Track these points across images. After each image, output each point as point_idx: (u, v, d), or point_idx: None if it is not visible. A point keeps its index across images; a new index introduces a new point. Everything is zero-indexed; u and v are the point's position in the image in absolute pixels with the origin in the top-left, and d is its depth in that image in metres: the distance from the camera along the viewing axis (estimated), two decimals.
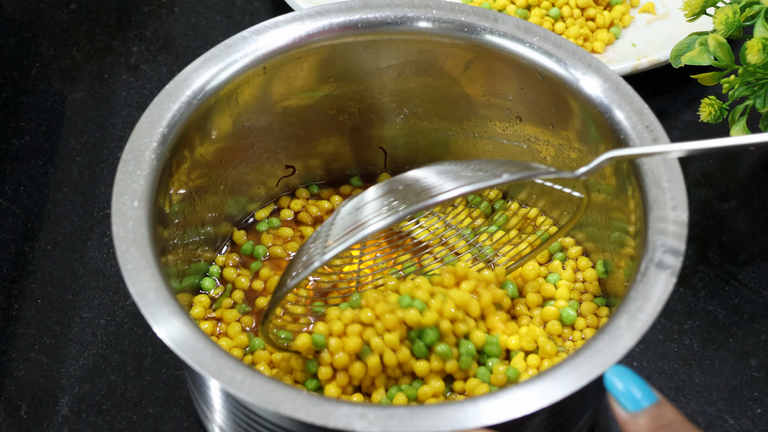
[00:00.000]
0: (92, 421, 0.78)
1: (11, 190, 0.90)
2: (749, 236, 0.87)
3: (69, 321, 0.82)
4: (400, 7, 0.76)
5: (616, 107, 0.72)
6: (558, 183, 0.73)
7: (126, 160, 0.69)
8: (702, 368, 0.81)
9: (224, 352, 0.62)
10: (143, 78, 0.97)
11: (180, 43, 1.00)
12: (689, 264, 0.85)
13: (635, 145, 0.70)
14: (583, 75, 0.73)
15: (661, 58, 0.93)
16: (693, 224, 0.86)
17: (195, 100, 0.72)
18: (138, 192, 0.68)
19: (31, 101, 0.95)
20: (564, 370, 0.62)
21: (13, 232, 0.87)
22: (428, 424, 0.60)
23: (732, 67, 0.80)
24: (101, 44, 1.00)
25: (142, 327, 0.82)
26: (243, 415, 0.67)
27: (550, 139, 0.77)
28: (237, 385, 0.61)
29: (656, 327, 0.82)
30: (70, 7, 1.02)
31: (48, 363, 0.80)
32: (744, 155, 0.91)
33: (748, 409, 0.79)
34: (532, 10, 0.97)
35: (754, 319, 0.83)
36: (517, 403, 0.61)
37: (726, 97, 0.82)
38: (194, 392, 0.74)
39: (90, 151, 0.92)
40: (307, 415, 0.60)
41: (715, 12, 0.80)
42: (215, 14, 1.02)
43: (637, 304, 0.64)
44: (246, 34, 0.75)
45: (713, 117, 0.82)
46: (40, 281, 0.84)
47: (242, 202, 0.80)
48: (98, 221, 0.88)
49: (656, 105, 0.93)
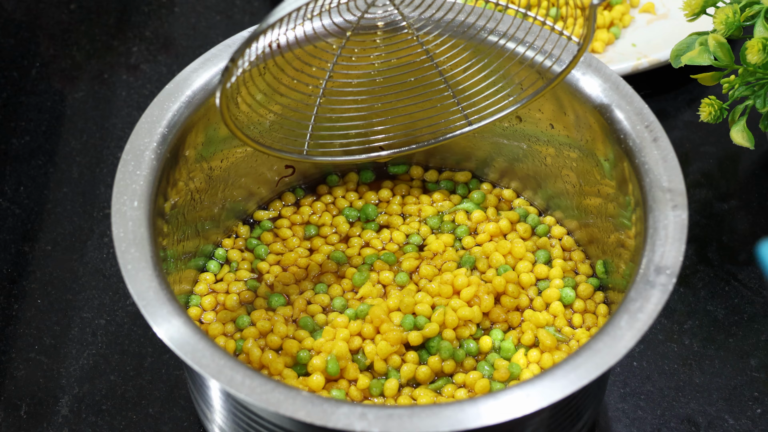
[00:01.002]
0: (92, 421, 0.78)
1: (11, 190, 0.90)
2: (749, 236, 0.87)
3: (69, 321, 0.82)
4: None
5: (616, 107, 0.72)
6: (558, 23, 0.71)
7: (126, 160, 0.69)
8: (702, 368, 0.81)
9: (224, 352, 0.63)
10: (143, 78, 0.97)
11: (180, 43, 1.00)
12: (689, 264, 0.85)
13: (635, 145, 0.70)
14: (583, 75, 0.73)
15: (661, 58, 0.93)
16: (693, 224, 0.86)
17: (195, 100, 0.72)
18: (138, 192, 0.68)
19: (31, 101, 0.95)
20: (564, 370, 0.62)
21: (13, 232, 0.87)
22: (428, 424, 0.60)
23: (732, 67, 0.80)
24: (101, 44, 1.00)
25: (142, 327, 0.82)
26: (243, 415, 0.67)
27: (550, 139, 0.77)
28: (237, 385, 0.61)
29: (656, 327, 0.82)
30: (70, 7, 1.02)
31: (48, 363, 0.80)
32: (744, 155, 0.91)
33: (748, 409, 0.79)
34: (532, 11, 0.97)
35: (754, 319, 0.83)
36: (518, 403, 0.61)
37: (726, 97, 0.82)
38: (194, 392, 0.74)
39: (90, 151, 0.92)
40: (307, 415, 0.60)
41: (715, 12, 0.80)
42: (215, 14, 1.02)
43: (637, 304, 0.64)
44: (246, 34, 0.75)
45: (713, 117, 0.82)
46: (40, 281, 0.84)
47: (242, 202, 0.80)
48: (98, 221, 0.88)
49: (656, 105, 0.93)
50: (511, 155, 0.80)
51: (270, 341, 0.73)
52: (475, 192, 0.81)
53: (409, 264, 0.77)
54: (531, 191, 0.81)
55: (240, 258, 0.79)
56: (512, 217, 0.80)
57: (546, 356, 0.73)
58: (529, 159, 0.80)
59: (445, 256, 0.78)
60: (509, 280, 0.76)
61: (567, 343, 0.74)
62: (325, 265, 0.78)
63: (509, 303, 0.75)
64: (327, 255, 0.78)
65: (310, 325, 0.74)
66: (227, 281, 0.77)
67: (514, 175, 0.81)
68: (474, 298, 0.74)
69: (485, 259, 0.77)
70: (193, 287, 0.77)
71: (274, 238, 0.80)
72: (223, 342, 0.73)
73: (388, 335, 0.72)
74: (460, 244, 0.79)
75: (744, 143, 0.81)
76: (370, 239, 0.79)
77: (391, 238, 0.80)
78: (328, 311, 0.76)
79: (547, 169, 0.79)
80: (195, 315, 0.76)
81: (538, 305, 0.76)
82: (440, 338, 0.73)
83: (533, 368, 0.73)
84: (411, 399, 0.72)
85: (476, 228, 0.80)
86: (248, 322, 0.75)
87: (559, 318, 0.75)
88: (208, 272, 0.78)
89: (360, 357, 0.73)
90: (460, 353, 0.73)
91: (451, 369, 0.73)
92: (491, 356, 0.73)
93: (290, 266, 0.78)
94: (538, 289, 0.77)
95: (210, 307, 0.76)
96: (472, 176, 0.83)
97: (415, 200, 0.81)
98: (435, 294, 0.75)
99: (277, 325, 0.74)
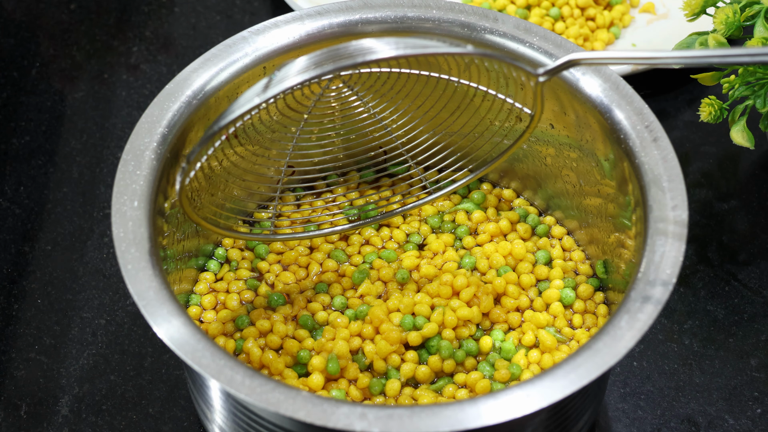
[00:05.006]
0: (92, 421, 0.78)
1: (11, 190, 0.90)
2: (749, 236, 0.87)
3: (69, 321, 0.82)
4: (400, 7, 0.76)
5: (616, 107, 0.72)
6: (510, 96, 0.72)
7: (126, 160, 0.69)
8: (702, 368, 0.81)
9: (224, 352, 0.63)
10: (143, 78, 0.97)
11: (180, 43, 1.00)
12: (689, 264, 0.85)
13: (635, 145, 0.70)
14: (583, 75, 0.73)
15: None
16: (693, 224, 0.86)
17: (195, 100, 0.72)
18: (138, 192, 0.68)
19: (31, 101, 0.95)
20: (564, 370, 0.62)
21: (13, 232, 0.87)
22: (428, 424, 0.60)
23: (732, 67, 0.80)
24: (101, 44, 1.00)
25: (142, 327, 0.82)
26: (243, 415, 0.67)
27: (550, 139, 0.77)
28: (237, 385, 0.61)
29: (656, 327, 0.82)
30: (70, 7, 1.02)
31: (48, 363, 0.80)
32: (744, 155, 0.91)
33: (748, 409, 0.79)
34: (532, 10, 0.97)
35: (754, 319, 0.83)
36: (517, 403, 0.61)
37: (726, 97, 0.82)
38: (194, 392, 0.74)
39: (90, 151, 0.92)
40: (307, 415, 0.60)
41: (715, 12, 0.80)
42: (215, 14, 1.02)
43: (637, 304, 0.64)
44: (246, 34, 0.75)
45: (713, 117, 0.82)
46: (40, 281, 0.84)
47: (242, 202, 0.80)
48: (98, 221, 0.88)
49: (656, 105, 0.93)
50: (511, 155, 0.80)
51: (270, 341, 0.73)
52: (475, 192, 0.81)
53: (410, 263, 0.77)
54: (531, 191, 0.81)
55: (240, 257, 0.79)
56: (512, 217, 0.80)
57: (546, 357, 0.73)
58: (529, 159, 0.80)
59: (446, 256, 0.78)
60: (509, 281, 0.76)
61: (567, 343, 0.74)
62: (325, 264, 0.78)
63: (509, 304, 0.75)
64: (327, 254, 0.79)
65: (311, 324, 0.74)
66: (227, 280, 0.78)
67: (514, 175, 0.81)
68: (473, 298, 0.74)
69: (486, 259, 0.77)
70: (194, 287, 0.77)
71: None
72: (223, 342, 0.73)
73: (388, 335, 0.72)
74: (460, 243, 0.79)
75: (744, 143, 0.81)
76: (369, 237, 0.79)
77: (391, 237, 0.80)
78: (328, 310, 0.76)
79: (547, 169, 0.79)
80: (195, 314, 0.76)
81: (539, 306, 0.76)
82: (440, 338, 0.73)
83: (534, 369, 0.73)
84: (412, 399, 0.72)
85: (476, 228, 0.80)
86: (248, 321, 0.75)
87: (560, 318, 0.75)
88: (209, 271, 0.78)
89: (360, 357, 0.73)
90: (460, 353, 0.73)
91: (451, 369, 0.73)
92: (492, 356, 0.73)
93: (290, 265, 0.78)
94: (538, 290, 0.77)
95: (210, 306, 0.76)
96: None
97: (415, 199, 0.81)
98: (434, 294, 0.75)
99: (277, 324, 0.74)
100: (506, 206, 0.82)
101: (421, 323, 0.73)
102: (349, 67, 0.63)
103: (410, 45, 0.63)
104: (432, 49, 0.64)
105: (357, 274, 0.77)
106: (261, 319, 0.74)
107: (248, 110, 0.64)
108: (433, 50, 0.64)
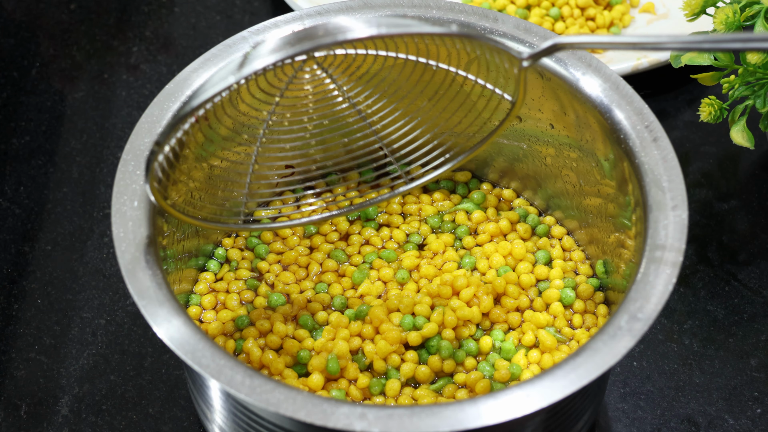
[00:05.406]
0: (92, 421, 0.78)
1: (11, 190, 0.90)
2: (749, 236, 0.87)
3: (69, 321, 0.82)
4: (400, 7, 0.75)
5: (616, 107, 0.72)
6: (490, 82, 0.69)
7: (126, 160, 0.69)
8: (702, 368, 0.81)
9: (224, 352, 0.63)
10: (143, 78, 0.97)
11: (180, 43, 1.00)
12: (689, 264, 0.85)
13: (635, 145, 0.70)
14: (583, 75, 0.73)
15: (661, 58, 0.93)
16: (693, 224, 0.86)
17: None
18: (138, 192, 0.68)
19: (31, 101, 0.95)
20: (564, 370, 0.62)
21: (13, 232, 0.87)
22: (428, 424, 0.60)
23: (732, 67, 0.80)
24: (101, 44, 1.00)
25: (142, 327, 0.82)
26: (243, 415, 0.67)
27: (550, 139, 0.77)
28: (237, 385, 0.61)
29: (656, 327, 0.82)
30: (70, 7, 1.02)
31: (48, 363, 0.80)
32: (744, 155, 0.91)
33: (748, 409, 0.79)
34: (532, 10, 0.97)
35: (754, 319, 0.83)
36: (517, 403, 0.61)
37: (726, 97, 0.82)
38: (194, 392, 0.74)
39: (90, 151, 0.92)
40: (307, 415, 0.60)
41: (715, 12, 0.80)
42: (215, 14, 1.02)
43: (637, 304, 0.64)
44: (246, 34, 0.75)
45: (713, 117, 0.82)
46: (40, 281, 0.84)
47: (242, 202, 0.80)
48: (98, 221, 0.88)
49: (656, 105, 0.93)
50: (511, 155, 0.80)
51: (270, 341, 0.73)
52: (475, 192, 0.81)
53: (410, 263, 0.77)
54: (531, 191, 0.81)
55: (240, 257, 0.79)
56: (512, 217, 0.80)
57: (546, 357, 0.73)
58: (529, 159, 0.80)
59: (446, 256, 0.78)
60: (509, 281, 0.76)
61: (567, 343, 0.74)
62: (325, 264, 0.78)
63: (509, 304, 0.75)
64: (327, 253, 0.79)
65: (311, 324, 0.74)
66: (227, 280, 0.78)
67: (514, 175, 0.82)
68: (473, 298, 0.74)
69: (486, 259, 0.77)
70: (193, 287, 0.77)
71: (274, 237, 0.80)
72: (223, 342, 0.73)
73: (387, 335, 0.72)
74: (460, 243, 0.79)
75: (744, 143, 0.81)
76: (369, 237, 0.79)
77: (391, 237, 0.80)
78: (328, 310, 0.76)
79: (547, 169, 0.79)
80: (195, 314, 0.76)
81: (539, 306, 0.76)
82: (440, 338, 0.73)
83: (533, 369, 0.73)
84: (412, 399, 0.72)
85: (476, 228, 0.80)
86: (248, 321, 0.75)
87: (560, 318, 0.75)
88: (209, 271, 0.78)
89: (360, 357, 0.73)
90: (460, 353, 0.73)
91: (451, 369, 0.73)
92: (492, 356, 0.73)
93: (290, 265, 0.78)
94: (538, 290, 0.77)
95: (210, 306, 0.76)
96: (472, 176, 0.83)
97: (415, 199, 0.81)
98: (434, 294, 0.75)
99: (277, 324, 0.74)
100: (506, 206, 0.82)
101: (421, 323, 0.73)
102: (325, 47, 0.59)
103: (391, 24, 0.59)
104: (413, 29, 0.60)
105: (357, 274, 0.77)
106: (261, 319, 0.74)
107: (219, 91, 0.61)
108: (414, 29, 0.60)
